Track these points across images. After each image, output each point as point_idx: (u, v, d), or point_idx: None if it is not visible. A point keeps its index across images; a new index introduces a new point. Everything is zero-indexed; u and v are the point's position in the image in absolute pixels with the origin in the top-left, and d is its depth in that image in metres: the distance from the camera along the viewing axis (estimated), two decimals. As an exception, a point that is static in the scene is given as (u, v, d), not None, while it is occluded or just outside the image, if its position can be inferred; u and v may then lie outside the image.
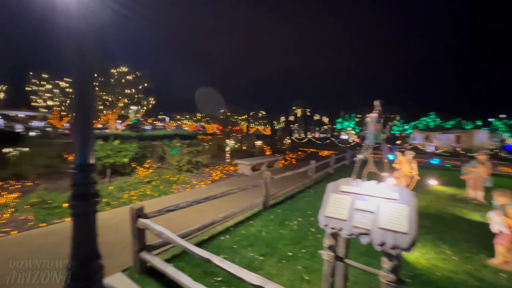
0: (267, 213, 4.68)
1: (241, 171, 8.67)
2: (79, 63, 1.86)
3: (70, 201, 1.88)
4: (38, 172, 6.52)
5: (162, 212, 2.89)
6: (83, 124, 1.86)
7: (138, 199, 5.16)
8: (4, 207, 4.30)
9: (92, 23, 1.90)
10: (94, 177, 1.95)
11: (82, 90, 1.88)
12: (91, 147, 1.91)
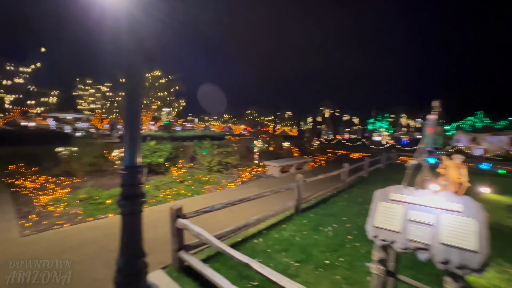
0: (300, 217, 4.55)
1: (270, 172, 8.61)
2: (128, 72, 1.95)
3: (120, 200, 1.97)
4: (84, 170, 7.11)
5: (199, 213, 2.94)
6: (131, 129, 1.94)
7: (172, 198, 5.35)
8: (58, 201, 4.74)
9: (140, 32, 1.97)
10: (140, 178, 2.02)
11: (131, 98, 1.96)
12: (138, 150, 1.99)
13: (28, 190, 5.53)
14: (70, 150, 7.79)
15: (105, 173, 7.51)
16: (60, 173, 6.90)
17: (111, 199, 4.77)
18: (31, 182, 6.19)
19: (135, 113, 1.96)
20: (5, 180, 6.27)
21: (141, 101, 2.06)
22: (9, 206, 4.55)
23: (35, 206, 4.60)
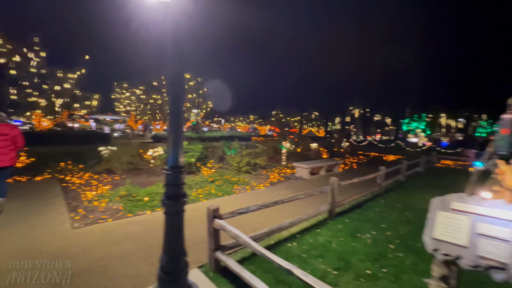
0: (334, 222, 4.35)
1: (299, 174, 8.42)
2: (172, 79, 1.99)
3: (164, 199, 2.02)
4: (123, 168, 7.59)
5: (235, 214, 2.93)
6: (175, 132, 1.97)
7: (204, 198, 5.46)
8: (101, 197, 5.09)
9: (184, 38, 2.01)
10: (183, 178, 2.05)
11: (175, 103, 2.00)
12: (181, 151, 2.02)
13: (76, 186, 6.03)
14: (111, 149, 8.37)
15: (141, 172, 7.94)
16: (102, 170, 7.43)
17: (148, 197, 5.00)
18: (78, 178, 6.75)
19: (178, 117, 2.00)
20: (57, 176, 6.92)
21: (183, 105, 2.09)
22: (61, 200, 5.00)
23: (82, 200, 4.99)
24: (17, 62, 16.65)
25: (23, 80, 17.07)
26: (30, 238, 3.42)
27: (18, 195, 5.19)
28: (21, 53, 16.72)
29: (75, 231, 3.68)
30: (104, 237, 3.54)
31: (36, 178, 6.67)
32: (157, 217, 4.35)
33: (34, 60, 17.26)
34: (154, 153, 9.01)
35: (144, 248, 3.28)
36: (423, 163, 10.02)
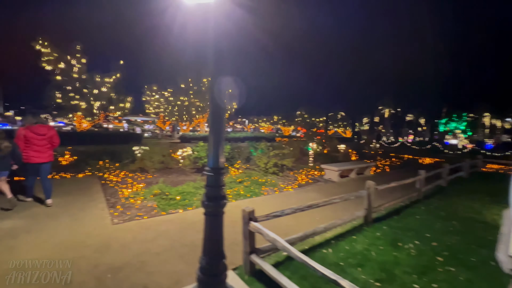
0: (371, 228, 4.09)
1: (328, 176, 8.13)
2: (214, 82, 1.97)
3: (204, 200, 2.01)
4: (155, 167, 7.91)
5: (270, 217, 2.85)
6: (216, 133, 1.95)
7: (233, 198, 5.47)
8: (137, 195, 5.32)
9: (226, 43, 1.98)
10: (223, 180, 2.03)
11: (217, 105, 1.97)
12: (222, 153, 1.99)
13: (113, 183, 6.39)
14: (143, 149, 8.77)
15: (171, 171, 8.22)
16: (136, 169, 7.81)
17: (179, 196, 5.12)
18: (115, 176, 7.15)
19: (220, 119, 1.97)
20: (96, 174, 7.41)
21: (225, 108, 2.06)
22: (101, 197, 5.31)
23: (120, 197, 5.26)
24: (62, 68, 18.25)
25: (66, 85, 18.66)
26: (76, 231, 3.65)
27: (65, 190, 5.62)
28: (65, 60, 18.30)
29: (115, 226, 3.87)
30: (141, 233, 3.67)
31: (79, 175, 7.19)
32: (188, 216, 4.43)
33: (76, 66, 18.79)
34: (183, 153, 9.29)
35: (179, 246, 3.33)
36: (467, 167, 9.15)
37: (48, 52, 17.85)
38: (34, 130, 4.59)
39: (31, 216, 4.15)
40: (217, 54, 1.94)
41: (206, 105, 25.13)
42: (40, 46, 17.70)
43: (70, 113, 20.33)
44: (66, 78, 18.62)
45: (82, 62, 19.12)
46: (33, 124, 4.67)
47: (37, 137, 4.58)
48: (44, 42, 17.70)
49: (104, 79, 19.86)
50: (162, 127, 32.47)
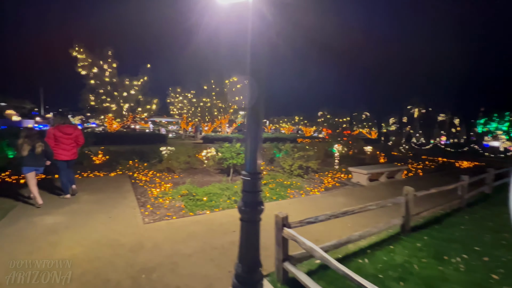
0: (410, 238, 3.79)
1: (356, 180, 7.78)
2: (253, 86, 1.90)
3: (241, 206, 1.94)
4: (181, 167, 8.09)
5: (303, 223, 2.73)
6: (254, 137, 1.88)
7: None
8: (165, 194, 5.44)
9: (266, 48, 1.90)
10: (260, 185, 1.95)
11: (255, 109, 1.91)
12: (260, 157, 1.91)
13: (142, 183, 6.61)
14: (170, 149, 9.01)
15: (196, 171, 8.35)
16: (163, 169, 8.04)
17: (206, 197, 5.15)
18: (143, 175, 7.41)
19: (257, 122, 1.90)
20: (126, 173, 7.73)
21: (263, 111, 1.98)
22: (132, 195, 5.51)
23: (149, 197, 5.41)
24: (95, 73, 19.47)
25: (99, 88, 19.86)
26: (111, 229, 3.78)
27: (100, 188, 5.92)
28: (98, 65, 19.50)
29: (146, 226, 3.96)
30: (171, 233, 3.72)
31: (111, 174, 7.55)
32: (216, 217, 4.42)
33: (108, 70, 19.94)
34: (207, 154, 9.41)
35: (208, 249, 3.31)
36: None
37: (83, 58, 19.12)
38: (62, 129, 4.99)
39: (70, 213, 4.39)
40: (254, 55, 1.88)
41: (228, 106, 25.46)
42: (76, 53, 19.02)
43: (102, 114, 21.60)
44: (99, 82, 19.83)
45: (113, 67, 20.25)
46: (62, 124, 5.06)
47: (65, 136, 4.99)
48: (80, 49, 18.99)
49: (133, 82, 20.87)
50: (186, 128, 33.44)
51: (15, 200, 4.91)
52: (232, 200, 5.17)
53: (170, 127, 41.91)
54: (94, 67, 19.30)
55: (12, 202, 4.80)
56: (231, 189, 5.65)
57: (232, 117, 27.77)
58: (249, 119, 1.90)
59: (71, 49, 18.70)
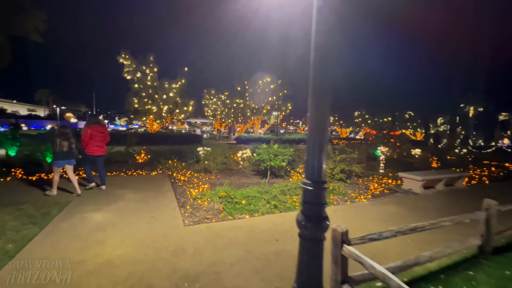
0: (493, 263, 3.10)
1: (407, 187, 6.94)
2: (318, 88, 1.60)
3: (302, 221, 1.64)
4: (218, 168, 8.08)
5: (365, 240, 2.32)
6: (318, 141, 1.57)
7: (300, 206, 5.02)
8: (203, 196, 5.39)
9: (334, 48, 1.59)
10: (325, 196, 1.63)
11: (320, 110, 1.60)
12: (324, 164, 1.59)
13: (181, 182, 6.70)
14: (206, 150, 9.09)
15: (232, 172, 8.27)
16: (200, 169, 8.10)
17: (245, 200, 4.95)
18: (182, 175, 7.54)
19: (323, 123, 1.59)
20: (166, 172, 7.96)
21: (329, 112, 1.66)
22: (172, 195, 5.57)
23: (188, 197, 5.41)
24: (138, 77, 20.90)
25: (141, 91, 21.29)
26: (154, 230, 3.78)
27: (143, 187, 6.13)
28: (141, 70, 20.92)
29: (187, 228, 3.88)
30: (211, 238, 3.57)
31: (152, 173, 7.84)
32: (256, 223, 4.19)
33: (149, 75, 21.27)
34: (243, 155, 9.29)
35: (251, 259, 3.08)
36: None
37: (128, 64, 20.66)
38: (96, 128, 5.65)
39: (117, 210, 4.54)
40: (318, 52, 1.56)
41: (261, 107, 25.37)
42: (122, 59, 20.62)
43: (144, 116, 23.14)
44: (142, 85, 21.25)
45: (154, 71, 21.54)
46: (95, 124, 5.71)
47: (98, 134, 5.66)
48: (125, 56, 20.53)
49: (172, 85, 21.97)
50: (219, 129, 34.26)
51: (70, 194, 5.28)
52: (272, 204, 4.89)
53: (204, 128, 43.39)
54: (138, 72, 20.75)
55: (67, 197, 5.16)
56: (270, 193, 5.38)
57: (265, 117, 27.64)
58: (312, 121, 1.59)
59: (118, 56, 20.34)
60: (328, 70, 1.56)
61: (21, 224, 3.81)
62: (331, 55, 1.56)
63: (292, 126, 58.75)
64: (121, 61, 20.46)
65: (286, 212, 4.76)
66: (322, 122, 1.56)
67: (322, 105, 1.56)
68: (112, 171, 7.70)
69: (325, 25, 1.53)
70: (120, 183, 6.51)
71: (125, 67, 20.67)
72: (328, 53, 1.55)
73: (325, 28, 1.54)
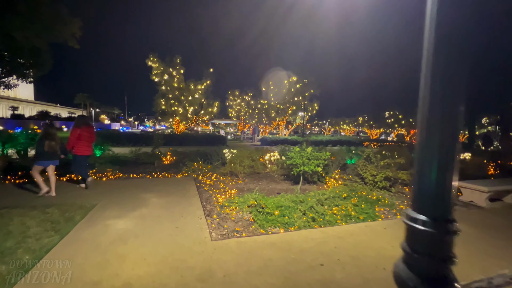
0: None
1: (467, 198, 5.87)
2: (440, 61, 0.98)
3: (407, 278, 1.02)
4: (245, 171, 7.59)
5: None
6: (445, 151, 0.95)
7: (342, 220, 4.32)
8: (231, 203, 4.90)
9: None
10: (453, 246, 0.99)
11: (450, 103, 0.98)
12: (451, 186, 0.96)
13: (207, 187, 6.30)
14: (232, 152, 8.66)
15: (260, 176, 7.73)
16: (226, 172, 7.68)
17: (277, 210, 4.37)
18: (207, 179, 7.16)
19: (453, 128, 0.96)
20: (192, 175, 7.66)
21: (462, 108, 1.01)
22: (197, 201, 5.17)
23: (215, 205, 4.96)
24: (165, 79, 21.32)
25: (168, 93, 21.69)
26: (178, 243, 3.35)
27: (167, 191, 5.81)
28: (168, 72, 21.32)
29: (214, 243, 3.40)
30: (243, 258, 3.04)
31: (178, 176, 7.58)
32: (293, 240, 3.59)
33: (176, 77, 21.60)
34: (270, 157, 8.73)
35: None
36: None
37: (156, 67, 21.15)
38: (85, 129, 5.70)
39: (140, 218, 4.21)
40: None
41: (286, 107, 24.63)
42: (151, 62, 21.16)
43: (170, 117, 23.59)
44: (169, 87, 21.65)
45: (181, 73, 21.83)
46: (84, 125, 5.76)
47: (86, 134, 5.72)
48: (153, 59, 21.05)
49: (197, 86, 22.12)
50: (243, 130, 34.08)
51: (96, 198, 5.11)
52: (309, 217, 4.25)
53: (228, 129, 43.60)
54: (165, 74, 21.17)
55: (92, 200, 4.98)
56: (306, 202, 4.74)
57: (290, 118, 26.85)
58: (431, 121, 0.98)
59: (147, 59, 20.92)
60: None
61: (43, 230, 3.61)
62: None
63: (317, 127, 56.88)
64: (149, 64, 21.03)
65: (326, 227, 4.09)
66: (451, 123, 0.94)
67: (452, 96, 0.94)
68: (139, 173, 7.57)
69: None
70: (145, 186, 6.28)
71: (153, 69, 21.21)
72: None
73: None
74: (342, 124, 46.47)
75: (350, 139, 25.35)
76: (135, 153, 9.43)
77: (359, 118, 39.48)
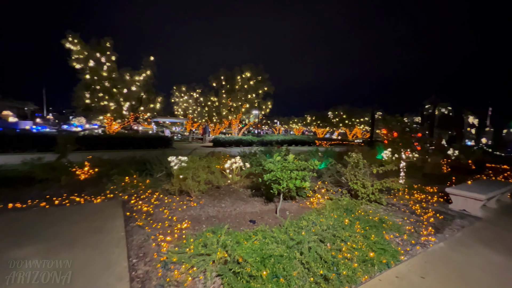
0: None
1: (460, 207, 5.23)
2: None
3: None
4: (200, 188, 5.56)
5: None
6: None
7: (364, 272, 2.85)
8: (181, 251, 2.94)
9: None
10: None
11: None
12: None
13: (143, 218, 4.11)
14: (182, 160, 6.50)
15: (220, 192, 5.84)
16: (173, 190, 5.51)
17: (265, 268, 2.61)
18: (145, 202, 4.93)
19: None
20: (120, 196, 5.25)
21: None
22: (122, 255, 2.99)
23: (153, 257, 2.91)
24: (91, 67, 17.11)
25: (95, 84, 17.50)
26: None
27: (70, 236, 3.39)
28: (95, 58, 17.15)
29: None
30: None
31: (96, 200, 5.06)
32: None
33: (106, 64, 17.57)
34: (232, 165, 6.92)
35: None
36: None
37: (77, 50, 16.80)
38: None
39: None
40: None
41: (239, 105, 22.97)
42: (69, 44, 16.70)
43: (99, 114, 19.27)
44: (96, 77, 17.47)
45: (112, 60, 17.90)
46: None
47: None
48: (73, 39, 16.66)
49: (134, 77, 18.49)
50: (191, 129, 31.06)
51: None
52: (318, 275, 2.63)
53: (174, 128, 39.51)
54: (90, 60, 16.97)
55: None
56: (296, 240, 3.11)
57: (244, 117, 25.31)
58: None
59: (64, 39, 16.39)
60: None
61: None
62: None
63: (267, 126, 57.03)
64: (67, 45, 16.52)
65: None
66: None
67: None
68: (27, 200, 4.77)
69: None
70: (29, 227, 3.70)
71: (73, 53, 16.76)
72: None
73: None
74: (291, 123, 47.51)
75: (303, 138, 25.35)
76: (31, 165, 6.34)
77: (307, 117, 40.75)
